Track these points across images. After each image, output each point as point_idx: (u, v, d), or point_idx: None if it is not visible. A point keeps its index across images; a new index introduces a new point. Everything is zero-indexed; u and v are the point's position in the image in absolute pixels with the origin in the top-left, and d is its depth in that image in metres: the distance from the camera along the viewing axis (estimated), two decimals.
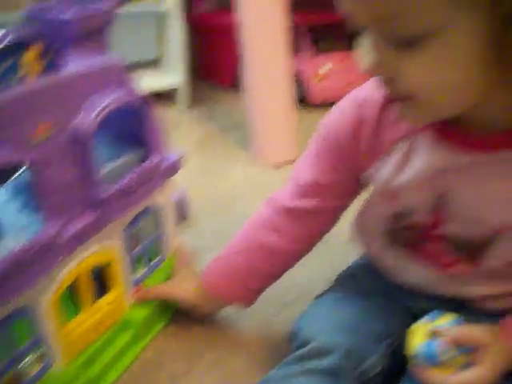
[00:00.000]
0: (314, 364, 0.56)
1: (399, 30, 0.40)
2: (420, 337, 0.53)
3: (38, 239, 0.53)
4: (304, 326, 0.62)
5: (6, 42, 0.49)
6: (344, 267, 0.75)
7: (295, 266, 0.71)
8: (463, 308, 0.60)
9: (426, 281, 0.62)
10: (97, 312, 0.68)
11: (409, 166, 0.54)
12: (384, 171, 0.56)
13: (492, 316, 0.57)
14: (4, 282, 0.51)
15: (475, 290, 0.59)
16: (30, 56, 0.52)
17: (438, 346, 0.52)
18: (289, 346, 0.65)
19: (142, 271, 0.76)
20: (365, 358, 0.57)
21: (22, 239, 0.55)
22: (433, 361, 0.52)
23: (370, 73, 0.45)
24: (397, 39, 0.41)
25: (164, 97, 1.68)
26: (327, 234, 0.70)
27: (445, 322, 0.54)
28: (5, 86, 0.50)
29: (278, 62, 1.24)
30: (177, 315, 0.79)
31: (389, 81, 0.45)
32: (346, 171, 0.61)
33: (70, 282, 0.62)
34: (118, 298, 0.71)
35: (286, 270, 0.71)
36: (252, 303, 0.72)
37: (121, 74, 0.63)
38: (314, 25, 1.61)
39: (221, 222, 1.03)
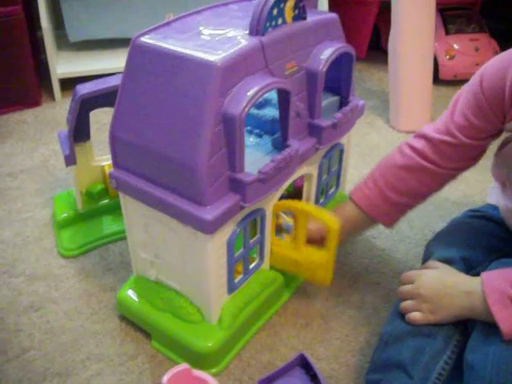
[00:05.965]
0: None
1: None
2: (288, 219, 0.81)
3: (289, 152, 0.65)
4: (427, 245, 0.79)
5: None
6: None
7: None
8: None
9: None
10: None
11: None
12: None
13: None
14: (263, 183, 0.62)
15: None
16: (289, 5, 0.65)
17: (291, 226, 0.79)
18: None
19: (322, 199, 0.88)
20: (477, 264, 0.71)
21: (256, 156, 0.69)
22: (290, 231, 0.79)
23: None
24: None
25: None
26: None
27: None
28: (275, 25, 0.63)
29: (424, 39, 1.33)
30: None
31: None
32: (496, 119, 0.69)
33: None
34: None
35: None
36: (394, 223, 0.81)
37: (339, 28, 0.75)
38: (444, 6, 1.68)
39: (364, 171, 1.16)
